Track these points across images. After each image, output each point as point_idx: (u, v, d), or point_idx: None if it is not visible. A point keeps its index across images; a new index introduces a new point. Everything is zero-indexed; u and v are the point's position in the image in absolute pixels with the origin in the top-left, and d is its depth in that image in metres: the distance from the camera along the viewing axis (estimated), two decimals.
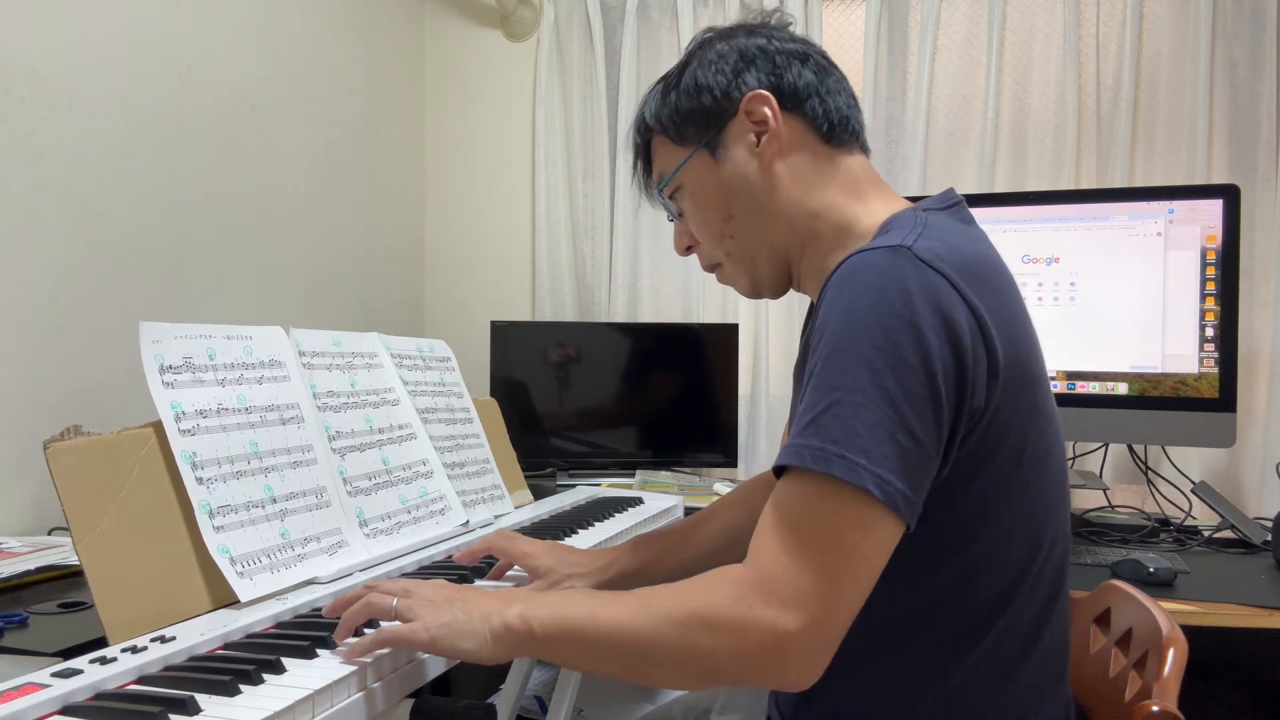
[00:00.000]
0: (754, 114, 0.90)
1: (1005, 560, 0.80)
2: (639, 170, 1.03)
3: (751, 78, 0.91)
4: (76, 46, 1.47)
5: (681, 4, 2.30)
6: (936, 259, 0.74)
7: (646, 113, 0.98)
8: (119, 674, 0.71)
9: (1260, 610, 1.25)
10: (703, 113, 0.92)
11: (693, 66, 0.94)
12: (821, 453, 0.70)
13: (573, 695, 1.58)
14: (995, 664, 0.80)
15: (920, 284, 0.72)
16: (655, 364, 2.21)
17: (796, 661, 0.69)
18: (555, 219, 2.43)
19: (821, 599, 0.69)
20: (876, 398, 0.70)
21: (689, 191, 0.95)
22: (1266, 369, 1.92)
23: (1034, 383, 0.80)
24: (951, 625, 0.80)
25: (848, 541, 0.69)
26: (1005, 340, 0.75)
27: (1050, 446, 0.83)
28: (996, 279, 0.79)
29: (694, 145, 0.93)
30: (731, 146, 0.92)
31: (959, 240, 0.80)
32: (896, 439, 0.69)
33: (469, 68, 2.55)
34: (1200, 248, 1.62)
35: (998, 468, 0.77)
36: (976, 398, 0.73)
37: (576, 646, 0.75)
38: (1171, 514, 1.81)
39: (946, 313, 0.72)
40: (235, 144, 1.82)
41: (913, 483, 0.70)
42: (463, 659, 0.78)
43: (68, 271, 1.46)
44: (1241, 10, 1.96)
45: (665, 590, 0.75)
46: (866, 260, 0.74)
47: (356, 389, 1.21)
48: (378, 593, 0.81)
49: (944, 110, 2.18)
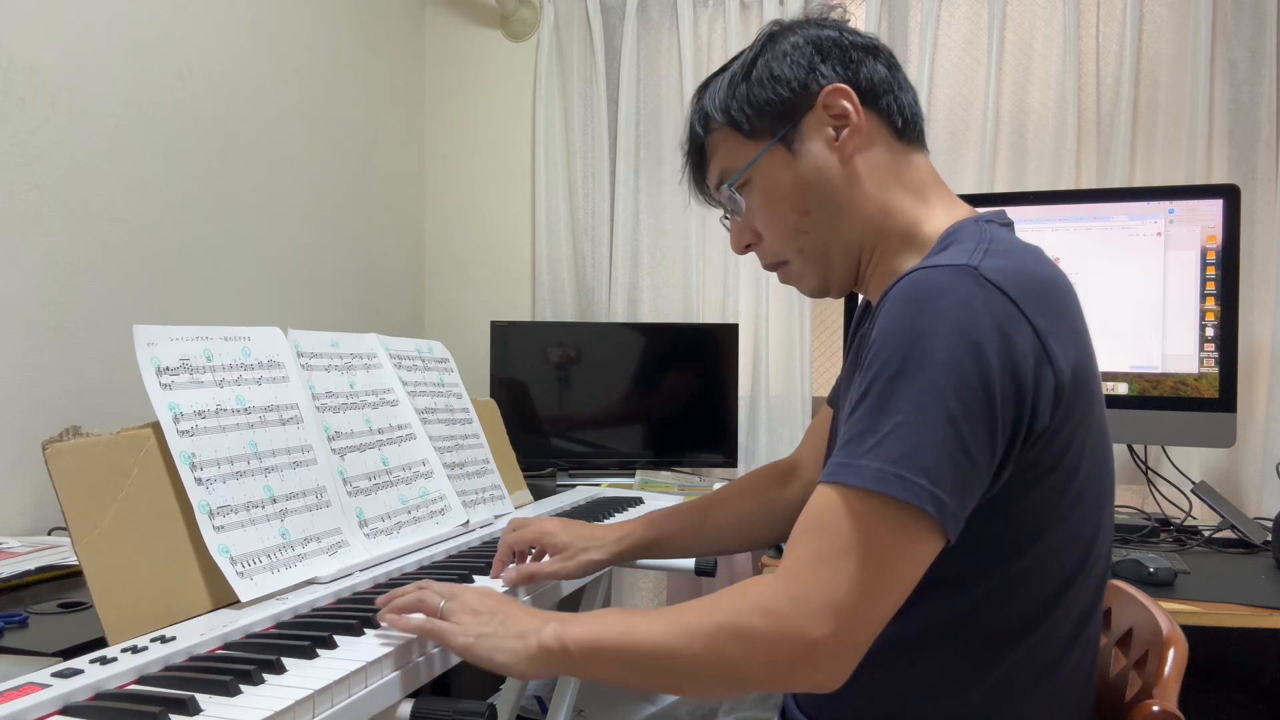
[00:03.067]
0: (832, 107, 0.88)
1: (1050, 573, 0.79)
2: (689, 166, 0.99)
3: (828, 70, 0.89)
4: (76, 46, 1.47)
5: (681, 4, 2.30)
6: (1002, 280, 0.73)
7: (710, 105, 0.94)
8: (119, 674, 0.71)
9: (1260, 610, 1.25)
10: (779, 104, 0.89)
11: (765, 57, 0.91)
12: (881, 473, 0.70)
13: (573, 695, 1.58)
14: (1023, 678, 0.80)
15: (985, 305, 0.72)
16: (655, 364, 2.21)
17: (825, 665, 0.70)
18: (555, 219, 2.43)
19: (854, 610, 0.69)
20: (939, 418, 0.70)
21: (760, 187, 0.92)
22: (1266, 369, 1.92)
23: (1094, 403, 0.80)
24: (985, 636, 0.80)
25: (889, 558, 0.70)
26: (1069, 360, 0.75)
27: (1102, 464, 0.83)
28: (1061, 299, 0.79)
29: (768, 138, 0.90)
30: (809, 140, 0.89)
31: (1025, 259, 0.79)
32: (955, 459, 0.70)
33: (469, 68, 2.55)
34: (1200, 248, 1.62)
35: (1053, 484, 0.77)
36: (1039, 420, 0.74)
37: (611, 664, 0.77)
38: (1171, 514, 1.81)
39: (1009, 335, 0.72)
40: (235, 144, 1.82)
41: (964, 501, 0.71)
42: (497, 671, 0.80)
43: (68, 271, 1.46)
44: (1241, 10, 1.96)
45: (696, 604, 0.76)
46: (932, 278, 0.73)
47: (355, 389, 1.21)
48: (429, 591, 0.85)
49: (944, 110, 2.18)
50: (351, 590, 0.98)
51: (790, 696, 0.95)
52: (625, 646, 0.76)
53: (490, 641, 0.80)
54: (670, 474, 2.16)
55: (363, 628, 0.85)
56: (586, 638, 0.77)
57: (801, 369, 2.23)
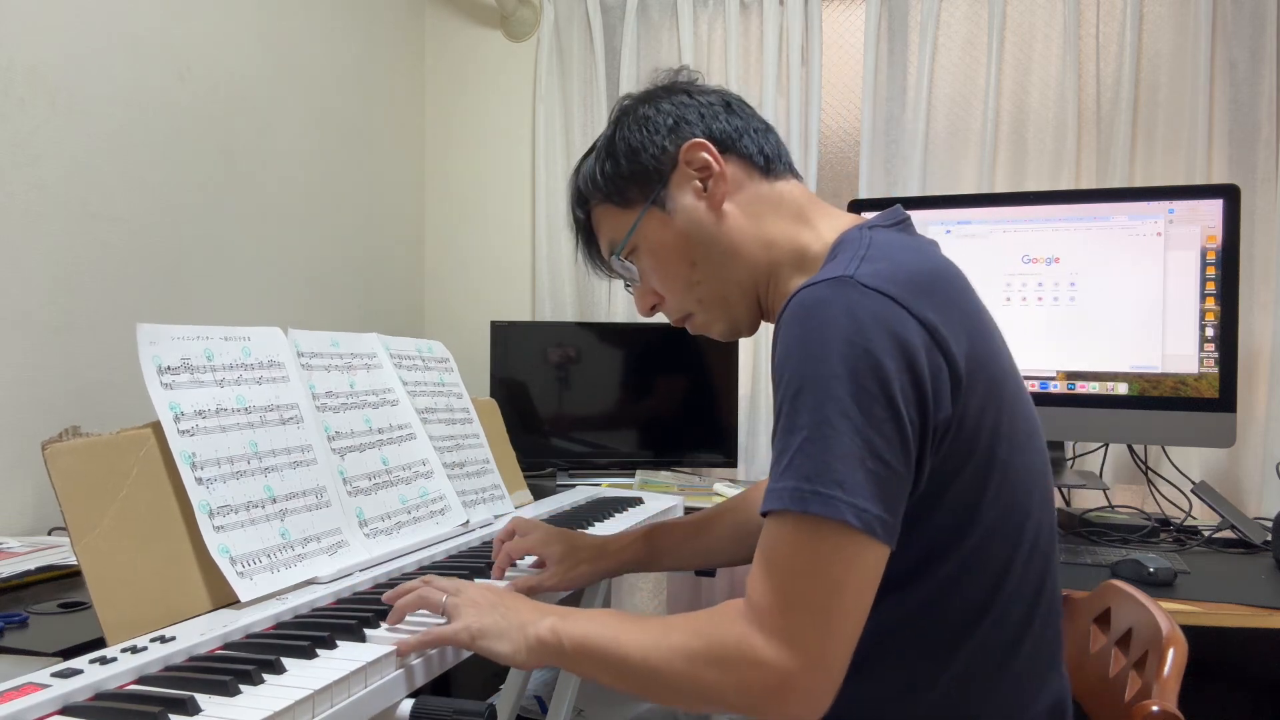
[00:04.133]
0: (694, 161, 0.93)
1: (990, 560, 0.81)
2: (582, 245, 1.04)
3: (685, 130, 0.94)
4: (76, 46, 1.47)
5: (681, 4, 2.30)
6: (881, 281, 0.76)
7: (584, 187, 1.00)
8: (119, 674, 0.71)
9: (1260, 610, 1.25)
10: (644, 172, 0.95)
11: (622, 131, 0.97)
12: (797, 492, 0.72)
13: (573, 695, 1.58)
14: (984, 663, 0.82)
15: (868, 310, 0.74)
16: (655, 364, 2.21)
17: (799, 698, 0.72)
18: (555, 219, 2.43)
19: (817, 637, 0.71)
20: (843, 429, 0.72)
21: (646, 250, 0.97)
22: (1266, 369, 1.92)
23: (1000, 383, 0.81)
24: (936, 631, 0.81)
25: (834, 576, 0.72)
26: (963, 347, 0.77)
27: (1025, 441, 0.84)
28: (947, 288, 0.81)
29: (642, 203, 0.95)
30: (679, 197, 0.94)
31: (904, 255, 0.82)
32: (866, 465, 0.72)
33: (469, 68, 2.55)
34: (1200, 248, 1.62)
35: (974, 471, 0.79)
36: (941, 410, 0.76)
37: (599, 667, 0.80)
38: (1171, 514, 1.81)
39: (897, 333, 0.74)
40: (235, 144, 1.82)
41: (887, 505, 0.73)
42: (498, 661, 0.84)
43: (68, 271, 1.46)
44: (1241, 10, 1.96)
45: (681, 624, 0.79)
46: (813, 295, 0.76)
47: (356, 389, 1.21)
48: (432, 588, 0.87)
49: (944, 110, 2.18)
50: (351, 590, 0.98)
51: None
52: (613, 653, 0.79)
53: (492, 632, 0.84)
54: (670, 474, 2.16)
55: (363, 628, 0.85)
56: (579, 637, 0.81)
57: None
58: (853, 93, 2.31)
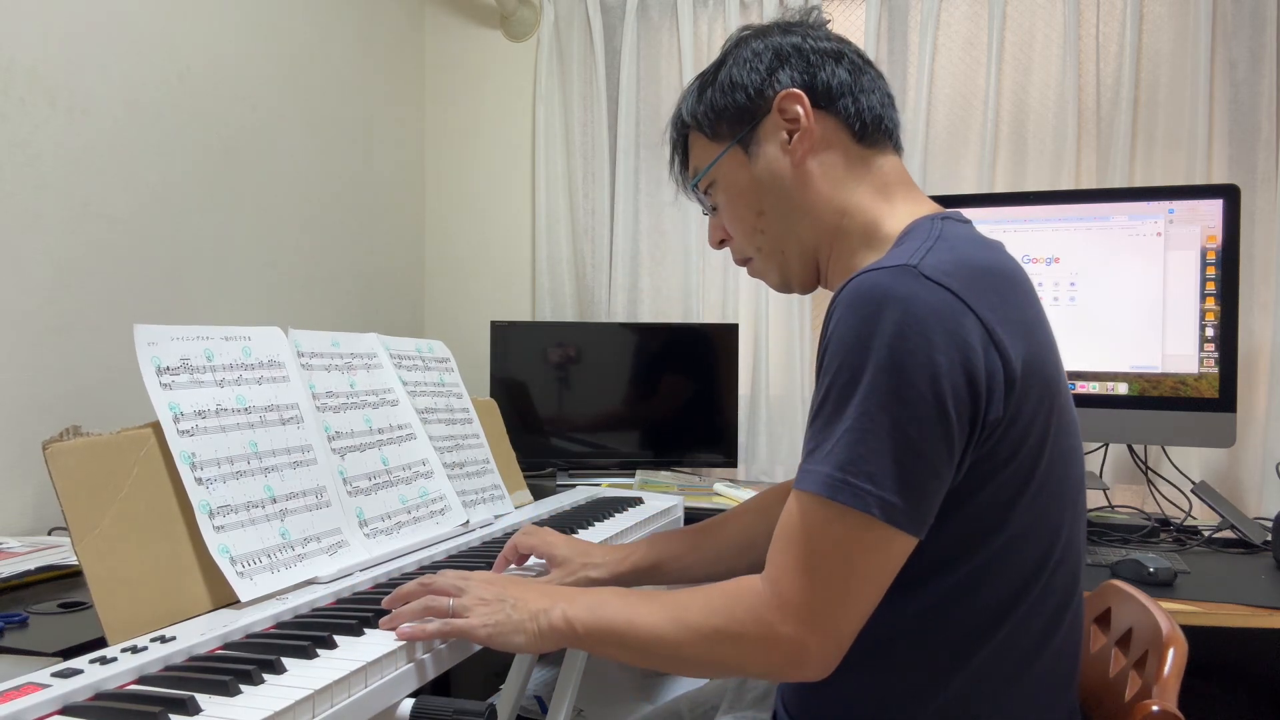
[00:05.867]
0: (787, 112, 0.92)
1: (1015, 564, 0.80)
2: (676, 164, 1.05)
3: (785, 75, 0.92)
4: (76, 46, 1.47)
5: (681, 4, 2.30)
6: (944, 275, 0.75)
7: (684, 109, 1.00)
8: (119, 674, 0.71)
9: (1260, 610, 1.25)
10: (737, 110, 0.94)
11: (729, 64, 0.96)
12: (830, 479, 0.73)
13: (573, 695, 1.58)
14: (1001, 668, 0.81)
15: (927, 304, 0.73)
16: (655, 364, 2.21)
17: (813, 664, 0.76)
18: (555, 219, 2.43)
19: (833, 615, 0.74)
20: (884, 424, 0.72)
21: (723, 187, 0.98)
22: (1266, 369, 1.92)
23: (1053, 387, 0.80)
24: (958, 628, 0.80)
25: (855, 561, 0.74)
26: (1020, 348, 0.76)
27: (1069, 452, 0.83)
28: (1009, 287, 0.80)
29: (728, 141, 0.95)
30: (765, 143, 0.93)
31: (970, 250, 0.80)
32: (902, 461, 0.72)
33: (469, 68, 2.55)
34: (1200, 248, 1.62)
35: (1013, 473, 0.78)
36: (994, 409, 0.75)
37: (616, 647, 0.83)
38: (1171, 514, 1.81)
39: (954, 330, 0.73)
40: (235, 144, 1.82)
41: (919, 499, 0.73)
42: (514, 651, 0.88)
43: (67, 271, 1.46)
44: (1241, 10, 1.96)
45: (693, 602, 0.80)
46: (872, 281, 0.75)
47: (356, 389, 1.21)
48: (433, 594, 0.87)
49: (944, 110, 2.18)
50: (351, 590, 0.98)
51: (779, 699, 0.98)
52: (630, 635, 0.81)
53: (505, 626, 0.85)
54: (670, 474, 2.16)
55: (363, 628, 0.85)
56: (592, 622, 0.83)
57: (801, 369, 2.23)
58: None
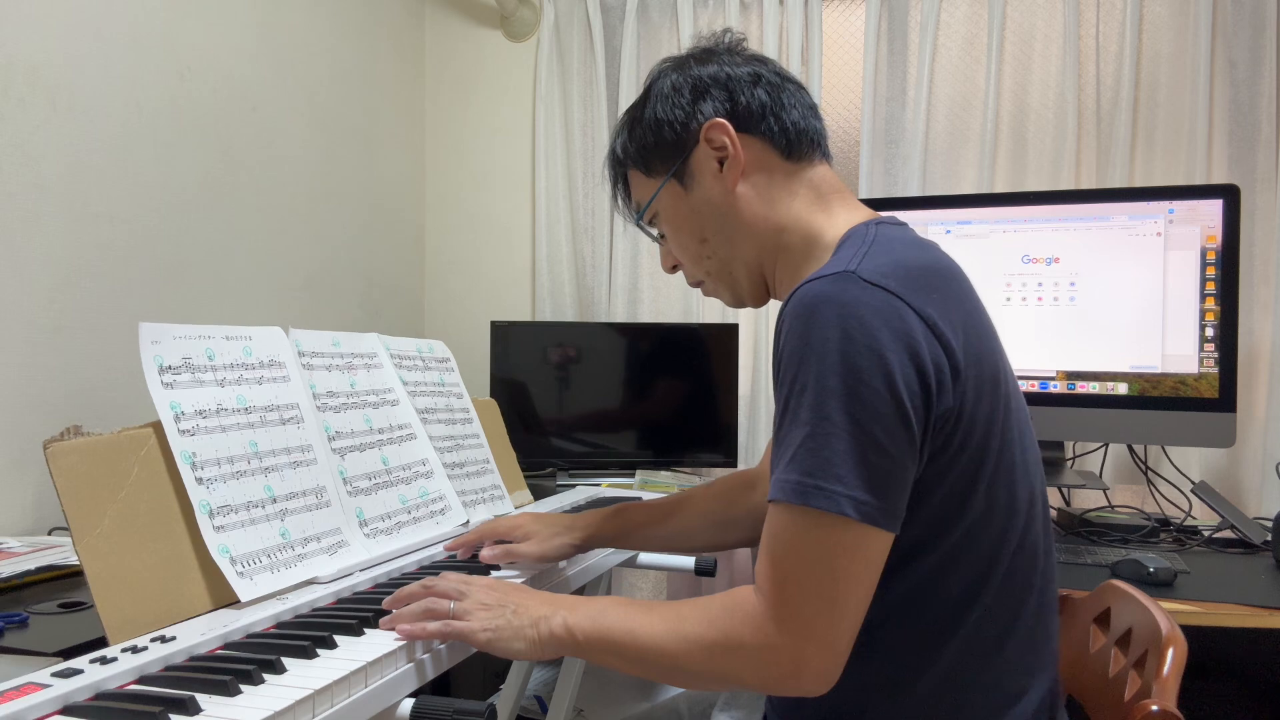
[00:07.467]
0: (714, 141, 0.94)
1: (975, 551, 0.82)
2: (619, 198, 1.08)
3: (708, 106, 0.95)
4: (76, 46, 1.47)
5: (681, 4, 2.30)
6: (881, 276, 0.78)
7: (618, 146, 1.04)
8: (119, 674, 0.71)
9: (1260, 610, 1.25)
10: (666, 146, 0.97)
11: (652, 101, 0.99)
12: (800, 486, 0.75)
13: (573, 695, 1.58)
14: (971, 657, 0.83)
15: (870, 305, 0.76)
16: (655, 364, 2.21)
17: (811, 676, 0.76)
18: (555, 219, 2.43)
19: (826, 623, 0.75)
20: (845, 425, 0.74)
21: (665, 218, 1.01)
22: (1266, 369, 1.92)
23: (996, 380, 0.83)
24: (927, 617, 0.83)
25: (838, 566, 0.75)
26: (962, 341, 0.79)
27: (1018, 438, 0.86)
28: (947, 284, 0.83)
29: (663, 176, 0.98)
30: (698, 174, 0.96)
31: (905, 251, 0.83)
32: (868, 459, 0.74)
33: (469, 68, 2.55)
34: (1200, 248, 1.62)
35: (966, 462, 0.80)
36: (944, 401, 0.77)
37: (615, 658, 0.84)
38: (1171, 514, 1.81)
39: (899, 328, 0.76)
40: (235, 144, 1.82)
41: (888, 495, 0.75)
42: (512, 658, 0.89)
43: (68, 271, 1.46)
44: (1241, 10, 1.96)
45: (692, 613, 0.81)
46: (814, 290, 0.78)
47: (356, 389, 1.21)
48: (434, 597, 0.88)
49: (944, 110, 2.19)
50: (351, 590, 0.98)
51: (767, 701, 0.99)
52: (630, 645, 0.82)
53: (506, 632, 0.86)
54: (670, 474, 2.16)
55: (363, 628, 0.85)
56: (593, 631, 0.84)
57: None
58: (853, 93, 2.31)
